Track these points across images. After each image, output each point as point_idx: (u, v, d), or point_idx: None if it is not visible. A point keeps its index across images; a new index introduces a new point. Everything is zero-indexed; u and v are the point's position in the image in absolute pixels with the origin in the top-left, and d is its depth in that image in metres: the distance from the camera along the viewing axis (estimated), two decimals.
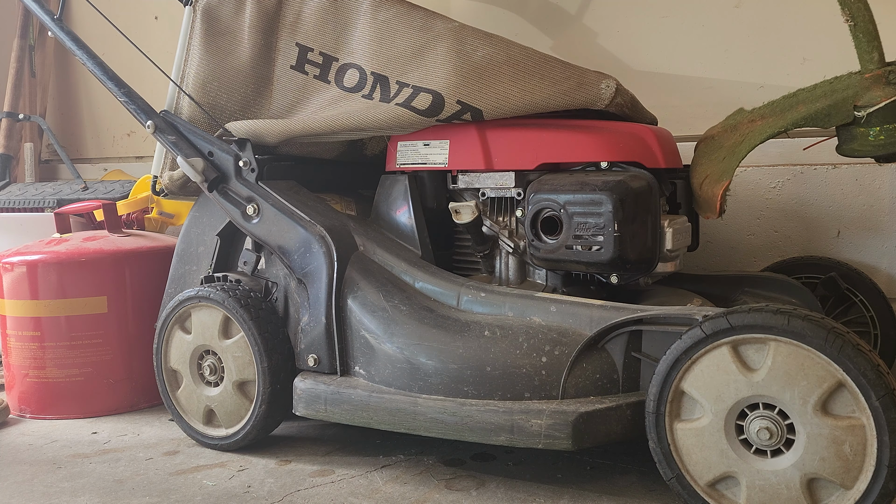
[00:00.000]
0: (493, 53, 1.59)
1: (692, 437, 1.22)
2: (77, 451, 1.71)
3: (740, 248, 2.07)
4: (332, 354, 1.55)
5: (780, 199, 2.01)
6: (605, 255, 1.44)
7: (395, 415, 1.42)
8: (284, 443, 1.70)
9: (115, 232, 2.07)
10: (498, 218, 1.64)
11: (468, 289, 1.51)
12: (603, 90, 1.56)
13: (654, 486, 1.41)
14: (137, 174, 2.82)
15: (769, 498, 1.17)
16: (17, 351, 1.96)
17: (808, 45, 2.00)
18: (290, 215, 1.63)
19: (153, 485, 1.50)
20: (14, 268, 1.95)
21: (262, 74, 1.79)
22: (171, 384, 1.74)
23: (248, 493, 1.44)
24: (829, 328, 1.12)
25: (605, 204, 1.43)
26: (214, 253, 1.77)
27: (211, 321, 1.66)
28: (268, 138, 1.70)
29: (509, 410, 1.33)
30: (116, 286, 1.95)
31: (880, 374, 1.09)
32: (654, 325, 1.32)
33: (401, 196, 1.68)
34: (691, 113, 2.13)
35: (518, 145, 1.58)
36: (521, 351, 1.38)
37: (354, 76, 1.69)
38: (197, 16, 1.81)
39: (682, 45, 2.14)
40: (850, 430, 1.11)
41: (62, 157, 2.93)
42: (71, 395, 1.94)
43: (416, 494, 1.41)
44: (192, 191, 1.82)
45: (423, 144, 1.67)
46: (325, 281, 1.56)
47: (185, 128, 1.76)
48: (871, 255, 1.94)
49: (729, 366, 1.19)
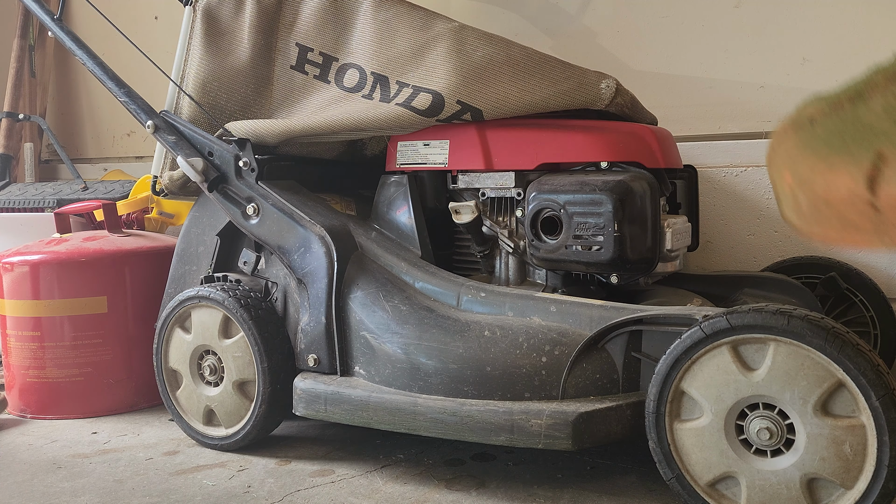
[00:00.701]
0: (493, 53, 1.58)
1: (692, 437, 1.22)
2: (77, 451, 1.71)
3: (740, 248, 2.07)
4: (332, 354, 1.55)
5: None
6: (605, 255, 1.44)
7: (395, 415, 1.42)
8: (284, 443, 1.70)
9: (114, 232, 2.07)
10: (498, 218, 1.64)
11: (468, 289, 1.51)
12: (603, 90, 1.56)
13: (654, 486, 1.41)
14: (137, 174, 2.82)
15: (769, 498, 1.17)
16: (17, 351, 1.96)
17: (808, 45, 2.00)
18: (290, 215, 1.63)
19: (153, 485, 1.50)
20: (14, 268, 1.95)
21: (261, 74, 1.79)
22: (170, 384, 1.74)
23: (247, 494, 1.44)
24: (829, 328, 1.12)
25: (605, 204, 1.43)
26: (214, 253, 1.77)
27: (211, 321, 1.66)
28: (268, 138, 1.70)
29: (509, 410, 1.33)
30: (116, 286, 1.95)
31: (880, 374, 1.09)
32: (654, 325, 1.32)
33: (401, 196, 1.68)
34: (691, 113, 2.13)
35: (518, 145, 1.58)
36: (521, 351, 1.38)
37: (354, 76, 1.69)
38: (197, 16, 1.81)
39: (682, 45, 2.14)
40: (850, 430, 1.11)
41: (62, 157, 2.93)
42: (71, 395, 1.94)
43: (416, 494, 1.41)
44: (192, 191, 1.82)
45: (423, 144, 1.67)
46: (325, 281, 1.56)
47: (185, 128, 1.76)
48: (871, 255, 1.94)
49: (729, 366, 1.19)
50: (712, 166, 2.08)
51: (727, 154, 2.07)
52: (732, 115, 2.09)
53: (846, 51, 1.97)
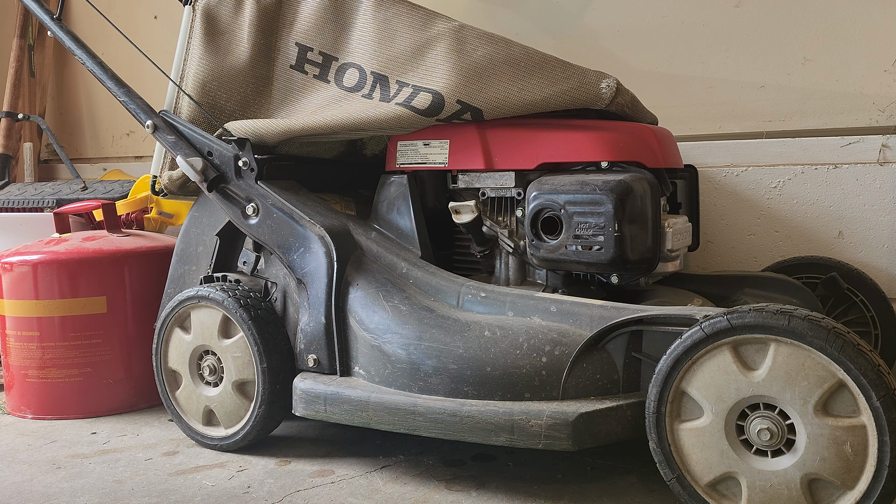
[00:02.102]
0: (493, 53, 1.58)
1: (693, 437, 1.22)
2: (76, 451, 1.71)
3: (741, 248, 2.06)
4: (331, 354, 1.55)
5: (781, 198, 2.01)
6: (605, 255, 1.44)
7: (394, 415, 1.42)
8: (284, 443, 1.70)
9: (114, 232, 2.06)
10: (498, 218, 1.63)
11: (468, 289, 1.51)
12: (603, 90, 1.56)
13: (654, 487, 1.41)
14: (137, 174, 2.82)
15: (770, 498, 1.16)
16: (17, 351, 1.96)
17: (808, 45, 2.00)
18: (289, 215, 1.63)
19: (152, 485, 1.49)
20: (13, 268, 1.94)
21: (261, 74, 1.79)
22: (170, 384, 1.74)
23: (247, 494, 1.44)
24: (830, 328, 1.12)
25: (605, 204, 1.42)
26: (214, 253, 1.77)
27: (210, 321, 1.66)
28: (267, 138, 1.69)
29: (509, 411, 1.33)
30: (116, 286, 1.95)
31: (881, 375, 1.09)
32: (654, 326, 1.32)
33: (401, 196, 1.68)
34: (691, 113, 2.13)
35: (518, 145, 1.57)
36: (522, 351, 1.37)
37: (354, 76, 1.69)
38: (196, 15, 1.81)
39: (682, 45, 2.14)
40: (851, 430, 1.11)
41: (61, 156, 2.93)
42: (70, 396, 1.94)
43: (416, 495, 1.41)
44: (191, 191, 1.82)
45: (423, 144, 1.67)
46: (325, 281, 1.56)
47: (185, 127, 1.76)
48: (871, 255, 1.94)
49: (729, 366, 1.19)
50: (713, 166, 2.08)
51: (727, 154, 2.07)
52: (732, 115, 2.09)
53: (846, 51, 1.96)
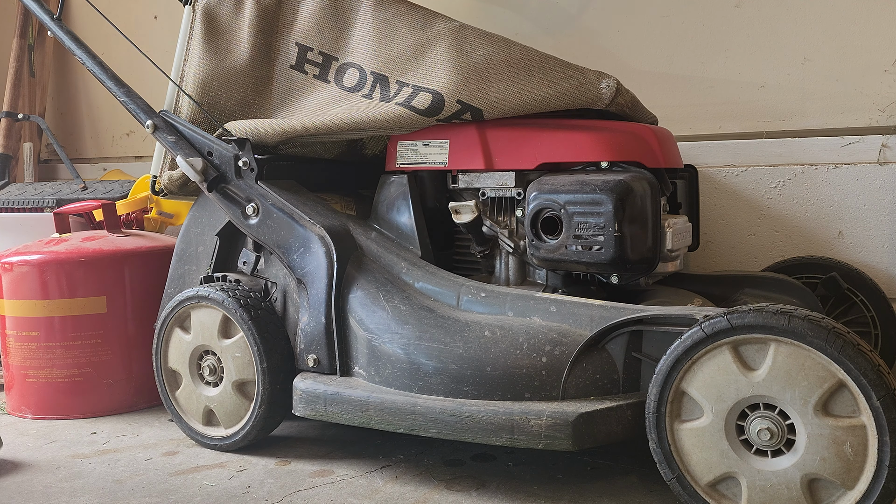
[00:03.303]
0: (493, 53, 1.58)
1: (693, 437, 1.22)
2: (76, 451, 1.71)
3: (741, 248, 2.06)
4: (331, 355, 1.55)
5: (781, 198, 2.01)
6: (605, 255, 1.44)
7: (394, 415, 1.42)
8: (284, 443, 1.70)
9: (114, 232, 2.06)
10: (498, 218, 1.63)
11: (468, 289, 1.51)
12: (603, 90, 1.56)
13: (654, 487, 1.41)
14: (137, 174, 2.82)
15: (770, 498, 1.16)
16: (17, 351, 1.96)
17: (808, 45, 2.00)
18: (289, 215, 1.63)
19: (152, 485, 1.49)
20: (13, 268, 1.94)
21: (261, 74, 1.79)
22: (170, 384, 1.74)
23: (247, 494, 1.44)
24: (830, 328, 1.12)
25: (605, 204, 1.42)
26: (214, 253, 1.77)
27: (210, 321, 1.66)
28: (267, 138, 1.69)
29: (509, 411, 1.33)
30: (116, 286, 1.95)
31: (881, 375, 1.09)
32: (654, 326, 1.32)
33: (401, 196, 1.68)
34: (691, 113, 2.13)
35: (518, 145, 1.57)
36: (522, 351, 1.37)
37: (354, 76, 1.69)
38: (196, 15, 1.81)
39: (682, 45, 2.14)
40: (851, 430, 1.11)
41: (61, 156, 2.93)
42: (70, 396, 1.94)
43: (417, 495, 1.41)
44: (191, 191, 1.82)
45: (423, 144, 1.67)
46: (325, 281, 1.56)
47: (185, 127, 1.76)
48: (871, 255, 1.94)
49: (729, 366, 1.19)
50: (713, 166, 2.08)
51: (727, 154, 2.07)
52: (732, 115, 2.09)
53: (846, 51, 1.96)
